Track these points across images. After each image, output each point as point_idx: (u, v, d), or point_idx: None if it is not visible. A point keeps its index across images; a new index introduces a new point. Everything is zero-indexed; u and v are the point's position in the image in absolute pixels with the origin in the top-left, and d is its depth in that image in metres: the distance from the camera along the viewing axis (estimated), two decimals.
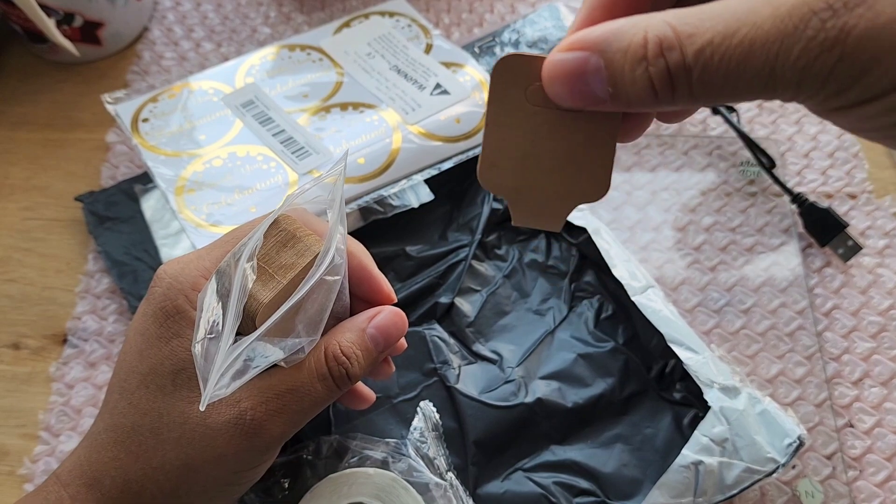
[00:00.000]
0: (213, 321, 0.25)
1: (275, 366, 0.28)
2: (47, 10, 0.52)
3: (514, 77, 0.21)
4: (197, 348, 0.25)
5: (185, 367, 0.28)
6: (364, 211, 0.45)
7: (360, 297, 0.33)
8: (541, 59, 0.20)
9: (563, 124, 0.21)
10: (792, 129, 0.54)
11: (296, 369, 0.28)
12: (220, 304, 0.25)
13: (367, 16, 0.55)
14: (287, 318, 0.26)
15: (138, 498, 0.28)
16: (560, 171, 0.21)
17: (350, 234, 0.46)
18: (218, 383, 0.24)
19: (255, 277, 0.26)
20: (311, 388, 0.28)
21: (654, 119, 0.23)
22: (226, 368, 0.24)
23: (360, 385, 0.35)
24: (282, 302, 0.25)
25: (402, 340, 0.35)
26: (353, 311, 0.32)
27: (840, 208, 0.49)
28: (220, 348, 0.24)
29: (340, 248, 0.27)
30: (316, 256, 0.27)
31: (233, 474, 0.28)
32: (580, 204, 0.22)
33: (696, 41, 0.16)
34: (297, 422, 0.28)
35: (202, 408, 0.24)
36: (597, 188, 0.22)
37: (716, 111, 0.52)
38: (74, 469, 0.29)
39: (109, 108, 0.49)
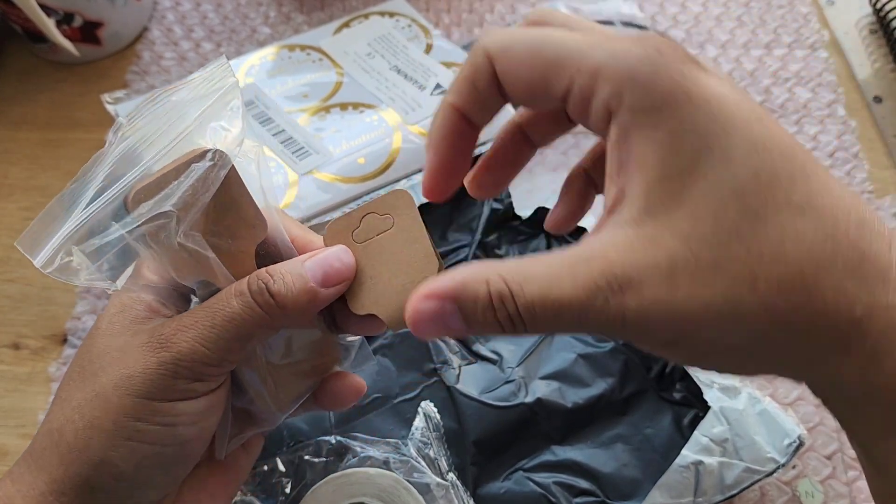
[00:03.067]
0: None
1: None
2: (47, 10, 0.52)
3: (342, 231, 0.28)
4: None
5: (124, 309, 0.27)
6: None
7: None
8: (351, 213, 0.28)
9: (383, 243, 0.28)
10: (792, 129, 0.54)
11: (220, 292, 0.26)
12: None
13: (366, 16, 0.55)
14: (141, 194, 0.24)
15: (57, 447, 0.26)
16: (399, 274, 0.27)
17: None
18: (66, 242, 0.23)
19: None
20: (225, 303, 0.25)
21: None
22: (75, 227, 0.23)
23: (345, 373, 0.31)
24: (148, 192, 0.24)
25: (361, 382, 0.31)
26: None
27: None
28: (72, 212, 0.24)
29: (232, 147, 0.25)
30: (195, 155, 0.25)
31: (141, 402, 0.25)
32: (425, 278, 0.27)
33: (522, 298, 0.20)
34: (209, 340, 0.25)
35: (39, 264, 0.23)
36: (429, 266, 0.27)
37: None
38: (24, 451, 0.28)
39: (109, 107, 0.49)
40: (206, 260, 0.26)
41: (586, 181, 0.28)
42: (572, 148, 0.53)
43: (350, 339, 0.32)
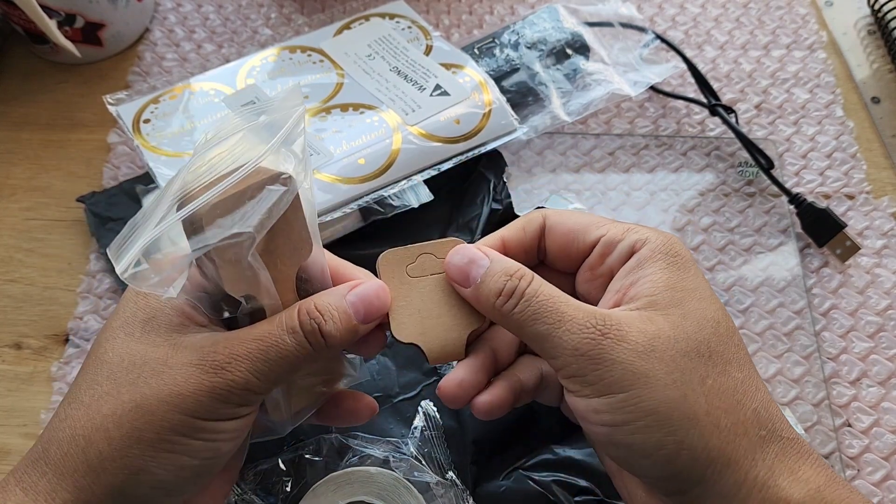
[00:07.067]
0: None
1: (247, 320, 0.28)
2: (49, 12, 0.52)
3: (395, 265, 0.31)
4: (128, 226, 0.25)
5: (157, 315, 0.27)
6: (364, 211, 0.45)
7: None
8: (409, 248, 0.31)
9: (435, 284, 0.31)
10: (790, 130, 0.54)
11: (267, 322, 0.27)
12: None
13: (367, 17, 0.55)
14: (220, 213, 0.25)
15: (84, 454, 0.25)
16: (446, 315, 0.30)
17: (350, 234, 0.46)
18: (142, 255, 0.24)
19: (206, 188, 0.25)
20: (279, 339, 0.26)
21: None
22: (149, 241, 0.24)
23: (359, 394, 0.34)
24: (223, 209, 0.25)
25: (374, 403, 0.34)
26: None
27: (838, 209, 0.50)
28: (151, 220, 0.24)
29: (301, 168, 0.27)
30: (268, 178, 0.26)
31: (188, 420, 0.26)
32: (471, 331, 0.30)
33: (532, 289, 0.28)
34: (262, 372, 0.26)
35: (119, 271, 0.24)
36: (477, 316, 0.31)
37: (714, 112, 0.52)
38: (28, 453, 0.27)
39: (111, 108, 0.49)
40: (258, 277, 0.26)
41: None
42: (571, 149, 0.53)
43: (353, 356, 0.33)
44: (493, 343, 0.32)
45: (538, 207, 0.47)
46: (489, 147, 0.48)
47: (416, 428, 0.39)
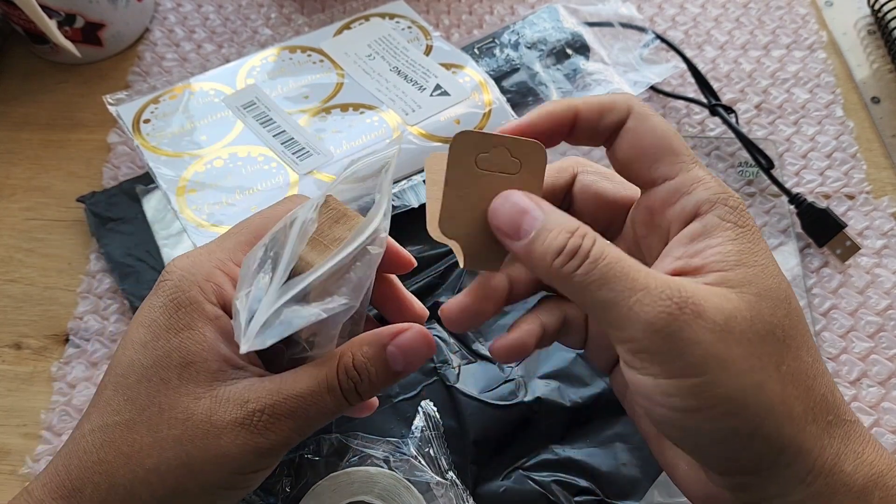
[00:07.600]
0: (260, 277, 0.25)
1: (287, 368, 0.28)
2: (49, 12, 0.52)
3: (468, 148, 0.27)
4: (241, 300, 0.24)
5: (195, 360, 0.27)
6: (364, 211, 0.45)
7: (387, 315, 0.33)
8: (488, 135, 0.27)
9: (502, 184, 0.27)
10: (790, 130, 0.54)
11: (307, 376, 0.27)
12: (270, 263, 0.25)
13: (367, 17, 0.55)
14: (329, 281, 0.25)
15: (123, 502, 0.26)
16: None
17: None
18: (260, 331, 0.24)
19: (306, 244, 0.26)
20: (320, 397, 0.27)
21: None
22: (270, 316, 0.24)
23: None
24: (332, 279, 0.25)
25: (374, 400, 0.34)
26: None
27: (838, 209, 0.50)
28: (268, 295, 0.24)
29: (384, 225, 0.27)
30: (368, 238, 0.27)
31: (234, 476, 0.27)
32: None
33: (597, 249, 0.24)
34: (303, 429, 0.27)
35: (243, 351, 0.24)
36: None
37: (714, 112, 0.52)
38: (50, 481, 0.27)
39: (111, 108, 0.50)
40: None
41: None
42: (571, 149, 0.53)
43: None
44: (512, 271, 0.30)
45: None
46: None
47: (416, 428, 0.39)
